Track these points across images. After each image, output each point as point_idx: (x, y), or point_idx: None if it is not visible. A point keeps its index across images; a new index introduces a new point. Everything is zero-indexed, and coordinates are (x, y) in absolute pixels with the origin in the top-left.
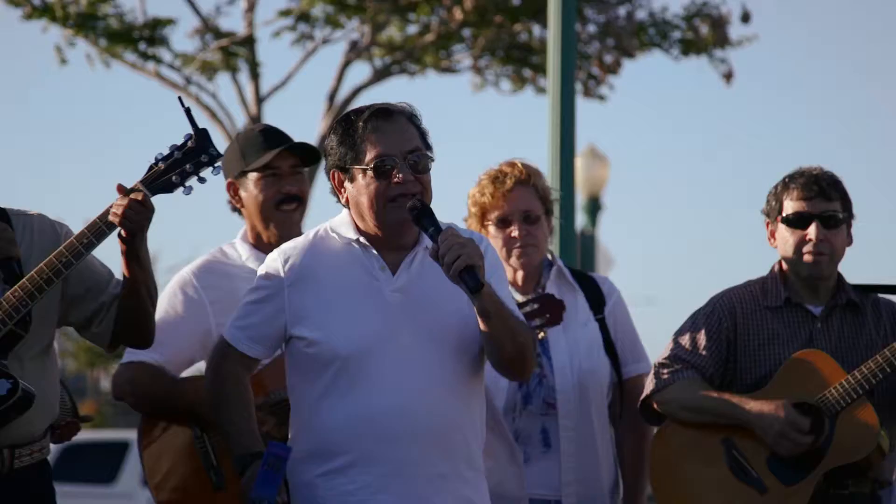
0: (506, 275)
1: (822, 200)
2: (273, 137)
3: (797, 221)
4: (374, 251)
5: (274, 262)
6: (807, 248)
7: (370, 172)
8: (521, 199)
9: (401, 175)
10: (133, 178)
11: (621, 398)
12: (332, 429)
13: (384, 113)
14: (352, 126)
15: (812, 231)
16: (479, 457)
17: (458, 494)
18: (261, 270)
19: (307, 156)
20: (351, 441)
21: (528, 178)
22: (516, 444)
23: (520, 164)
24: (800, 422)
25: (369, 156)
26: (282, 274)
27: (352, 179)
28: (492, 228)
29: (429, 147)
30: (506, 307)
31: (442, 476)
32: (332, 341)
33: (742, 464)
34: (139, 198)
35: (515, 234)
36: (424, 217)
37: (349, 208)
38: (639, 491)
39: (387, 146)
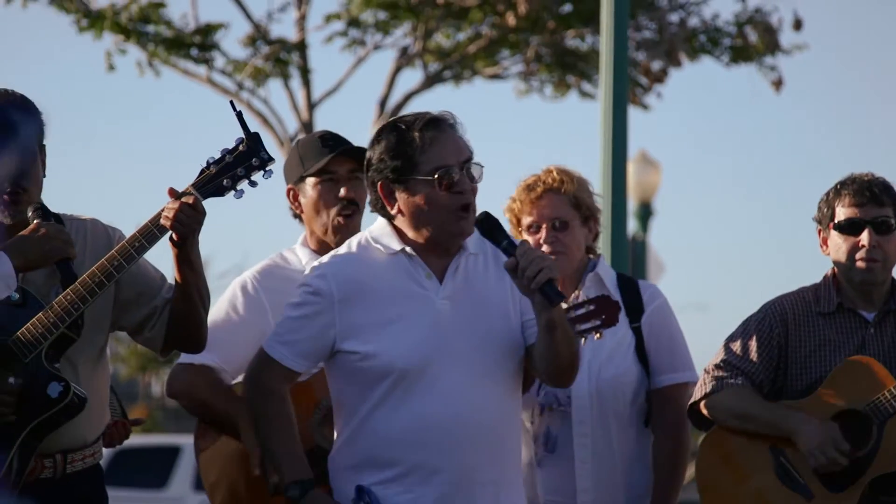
0: None
1: (874, 206)
2: (331, 142)
3: (849, 227)
4: (420, 260)
5: (321, 277)
6: (860, 254)
7: (432, 183)
8: (550, 206)
9: (461, 184)
10: (185, 183)
11: (650, 406)
12: (387, 438)
13: (438, 123)
14: (405, 137)
15: (865, 237)
16: (521, 461)
17: (509, 501)
18: (304, 285)
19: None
20: (408, 450)
21: (560, 184)
22: (533, 447)
23: (555, 171)
24: (839, 441)
25: (430, 166)
26: (332, 289)
27: (408, 190)
28: (525, 235)
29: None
30: (565, 315)
31: (495, 482)
32: (388, 354)
33: (789, 471)
34: (190, 201)
35: (543, 240)
36: (496, 229)
37: (389, 219)
38: (668, 499)
39: (447, 156)
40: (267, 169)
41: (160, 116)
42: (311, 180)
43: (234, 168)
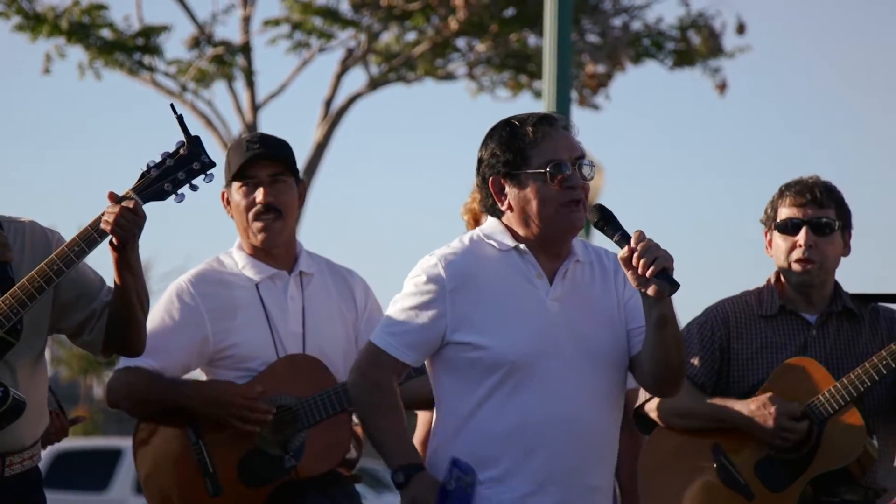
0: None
1: (814, 207)
2: (256, 144)
3: (788, 228)
4: (533, 258)
5: (434, 266)
6: (795, 254)
7: (544, 177)
8: None
9: (573, 180)
10: (126, 186)
11: None
12: (492, 435)
13: (551, 120)
14: (517, 131)
15: (801, 237)
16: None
17: None
18: (417, 275)
19: (289, 162)
20: (511, 448)
21: None
22: None
23: None
24: (790, 409)
25: (542, 160)
26: (444, 278)
27: (518, 185)
28: None
29: None
30: (676, 317)
31: (595, 489)
32: (500, 346)
33: (730, 470)
34: (131, 205)
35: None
36: (610, 222)
37: (497, 216)
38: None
39: (559, 151)
40: (208, 173)
41: (102, 118)
42: (235, 184)
43: (175, 172)
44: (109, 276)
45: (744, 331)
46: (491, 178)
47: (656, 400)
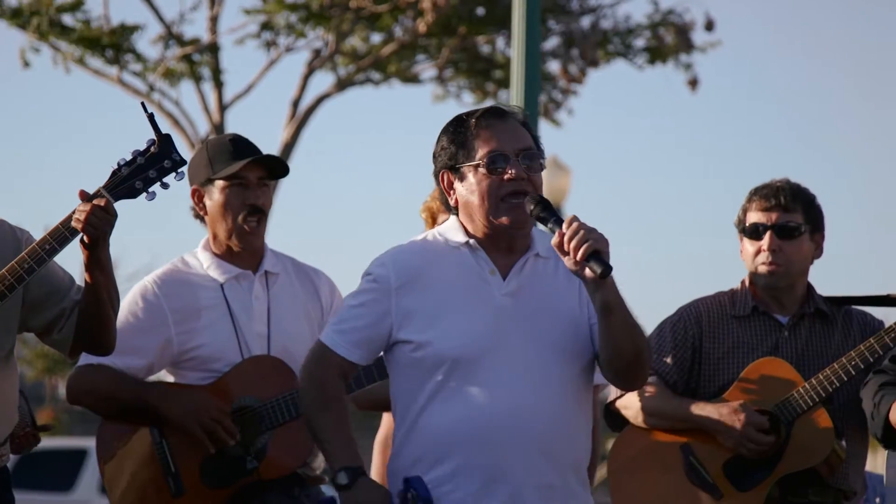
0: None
1: (779, 211)
2: (243, 147)
3: (754, 232)
4: (485, 254)
5: (382, 265)
6: (761, 258)
7: (482, 169)
8: None
9: (513, 171)
10: (96, 185)
11: None
12: (439, 434)
13: (497, 112)
14: (463, 125)
15: (766, 241)
16: (586, 470)
17: None
18: (367, 273)
19: (275, 168)
20: (458, 446)
21: None
22: None
23: None
24: (759, 421)
25: (481, 152)
26: (390, 276)
27: (462, 178)
28: None
29: (541, 150)
30: (627, 304)
31: (550, 487)
32: (440, 344)
33: (698, 470)
34: (102, 203)
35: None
36: (545, 209)
37: (456, 212)
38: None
39: (499, 143)
40: (179, 171)
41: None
42: (219, 183)
43: (146, 170)
44: (79, 275)
45: (716, 330)
46: (440, 173)
47: (628, 397)
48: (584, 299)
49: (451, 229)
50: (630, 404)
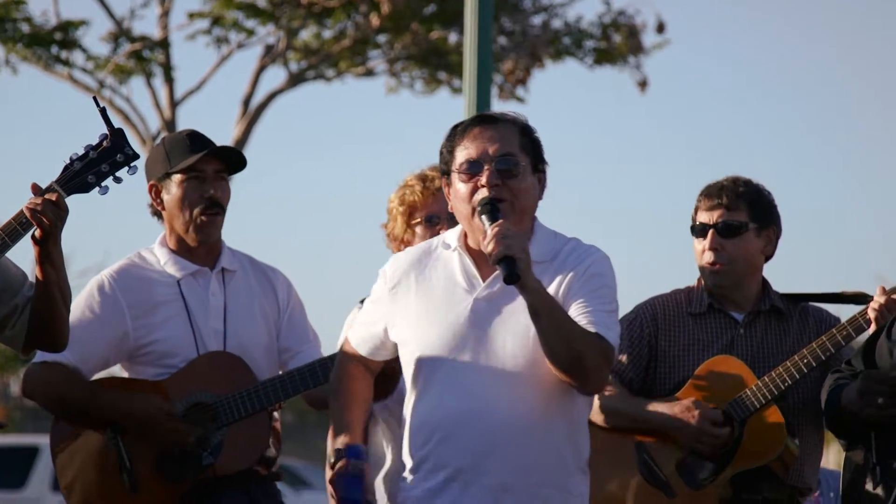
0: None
1: (721, 210)
2: (199, 141)
3: (698, 231)
4: (469, 259)
5: (386, 265)
6: (705, 257)
7: (460, 176)
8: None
9: (484, 179)
10: (49, 180)
11: None
12: (412, 430)
13: (484, 119)
14: (453, 132)
15: (707, 240)
16: (572, 476)
17: None
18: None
19: (232, 161)
20: (420, 444)
21: None
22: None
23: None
24: (714, 415)
25: (459, 159)
26: (388, 276)
27: (449, 185)
28: (419, 228)
29: (538, 157)
30: (560, 310)
31: (506, 489)
32: (415, 342)
33: (652, 468)
34: (54, 198)
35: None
36: (484, 213)
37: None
38: None
39: (475, 150)
40: (132, 165)
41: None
42: (176, 177)
43: (99, 164)
44: (31, 271)
45: (672, 328)
46: (442, 179)
47: None
48: (568, 304)
49: (451, 233)
50: None
